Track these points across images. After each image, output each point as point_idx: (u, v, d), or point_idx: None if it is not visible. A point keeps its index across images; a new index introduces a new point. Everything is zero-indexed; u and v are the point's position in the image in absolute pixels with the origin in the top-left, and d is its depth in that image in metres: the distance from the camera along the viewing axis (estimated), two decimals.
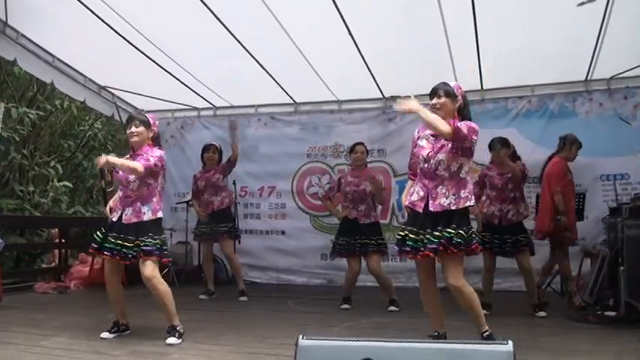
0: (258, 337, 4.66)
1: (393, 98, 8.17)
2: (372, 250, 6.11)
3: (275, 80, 7.67)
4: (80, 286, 7.73)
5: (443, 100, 4.06)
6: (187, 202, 8.10)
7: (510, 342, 2.25)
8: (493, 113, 7.76)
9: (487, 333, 4.01)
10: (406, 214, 4.37)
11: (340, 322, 5.26)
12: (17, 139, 10.27)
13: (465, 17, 5.82)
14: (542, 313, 5.58)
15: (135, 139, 4.65)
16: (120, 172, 4.64)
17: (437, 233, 3.93)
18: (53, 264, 9.15)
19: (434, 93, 4.12)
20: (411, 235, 4.04)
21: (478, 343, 2.30)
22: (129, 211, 4.58)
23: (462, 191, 4.00)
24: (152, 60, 7.09)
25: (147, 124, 4.68)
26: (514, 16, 5.86)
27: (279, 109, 8.83)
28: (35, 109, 10.90)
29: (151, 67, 7.21)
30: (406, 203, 4.25)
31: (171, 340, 4.39)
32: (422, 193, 4.09)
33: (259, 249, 8.58)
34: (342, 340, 2.47)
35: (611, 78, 7.24)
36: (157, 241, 4.55)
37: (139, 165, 4.44)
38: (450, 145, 3.98)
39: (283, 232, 8.72)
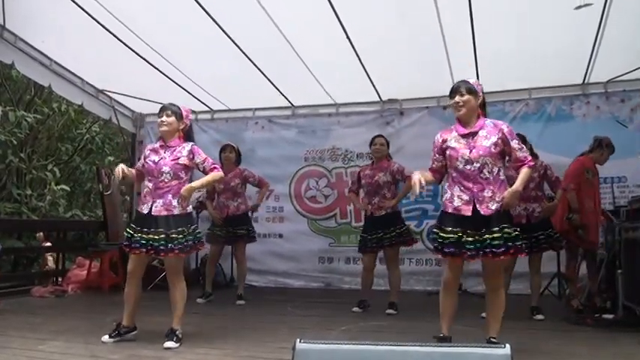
0: (255, 340, 4.65)
1: (391, 101, 8.25)
2: (387, 245, 6.07)
3: (272, 83, 7.68)
4: (78, 290, 7.71)
5: (466, 97, 4.02)
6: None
7: (508, 345, 2.24)
8: (490, 116, 7.56)
9: (494, 339, 3.93)
10: (443, 217, 4.07)
11: (338, 325, 5.24)
12: (15, 142, 10.29)
13: (462, 21, 5.84)
14: (539, 317, 5.57)
15: (164, 128, 4.61)
16: (151, 162, 4.59)
17: (499, 234, 3.84)
18: (46, 268, 9.13)
19: (455, 91, 4.06)
20: (469, 239, 3.88)
21: (475, 347, 2.30)
22: (159, 202, 4.52)
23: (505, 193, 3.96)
24: (150, 63, 7.09)
25: (178, 116, 4.64)
26: (511, 19, 5.87)
27: (276, 113, 8.85)
28: (33, 112, 10.94)
29: (148, 70, 7.22)
30: (446, 209, 4.05)
31: (170, 343, 4.36)
32: (466, 197, 3.95)
33: (257, 252, 8.54)
34: (340, 343, 2.47)
35: (608, 81, 7.27)
36: (186, 235, 4.51)
37: (218, 174, 4.63)
38: (493, 149, 3.95)
39: (281, 236, 8.72)
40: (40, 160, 11.77)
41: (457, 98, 4.04)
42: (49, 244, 9.66)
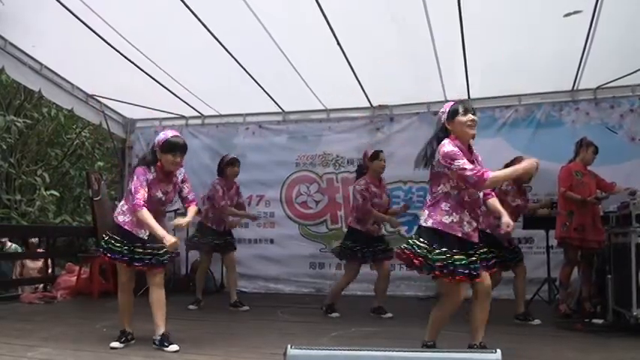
0: (246, 346, 4.63)
1: (381, 107, 8.26)
2: (381, 257, 6.17)
3: (263, 89, 7.67)
4: (67, 296, 7.65)
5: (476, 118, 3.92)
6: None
7: (499, 351, 2.25)
8: (480, 123, 7.55)
9: (482, 343, 3.81)
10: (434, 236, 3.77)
11: (329, 331, 5.22)
12: (4, 147, 10.25)
13: (453, 28, 5.85)
14: (536, 321, 5.54)
15: (177, 168, 4.64)
16: (160, 196, 4.58)
17: (486, 250, 3.92)
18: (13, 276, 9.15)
19: (470, 109, 3.91)
20: (461, 257, 3.67)
21: (467, 352, 2.31)
22: None
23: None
24: (140, 68, 7.07)
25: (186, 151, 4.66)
26: (501, 26, 5.90)
27: (267, 118, 8.84)
28: (22, 117, 10.89)
29: (139, 75, 7.19)
30: (453, 232, 3.75)
31: (174, 347, 4.40)
32: (475, 224, 3.82)
33: (247, 258, 8.55)
34: (331, 349, 2.47)
35: (598, 88, 7.32)
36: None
37: (196, 209, 4.81)
38: None
39: (272, 241, 8.70)
40: (29, 165, 11.72)
41: (472, 116, 3.85)
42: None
